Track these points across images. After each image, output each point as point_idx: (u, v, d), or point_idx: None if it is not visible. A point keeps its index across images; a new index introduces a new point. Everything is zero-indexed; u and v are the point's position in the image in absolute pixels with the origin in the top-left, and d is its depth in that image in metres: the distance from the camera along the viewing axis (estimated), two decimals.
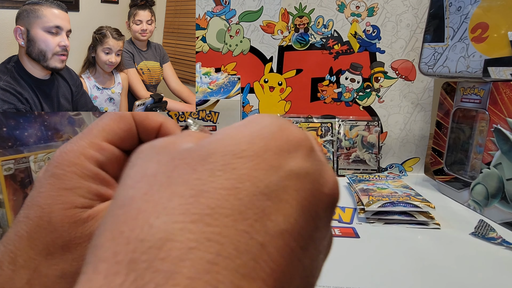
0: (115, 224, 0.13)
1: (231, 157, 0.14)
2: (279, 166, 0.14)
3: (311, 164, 0.15)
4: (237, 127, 0.15)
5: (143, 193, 0.14)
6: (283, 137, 0.15)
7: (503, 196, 0.58)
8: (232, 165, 0.14)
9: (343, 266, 0.45)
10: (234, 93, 0.81)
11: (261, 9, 0.86)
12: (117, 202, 0.14)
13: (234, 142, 0.15)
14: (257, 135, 0.15)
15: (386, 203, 0.58)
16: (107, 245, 0.13)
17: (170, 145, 0.16)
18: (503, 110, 0.59)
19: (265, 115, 0.17)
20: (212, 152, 0.14)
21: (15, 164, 0.45)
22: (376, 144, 0.86)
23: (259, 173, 0.14)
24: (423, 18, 0.83)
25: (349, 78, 0.88)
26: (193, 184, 0.13)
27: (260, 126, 0.16)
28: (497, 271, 0.45)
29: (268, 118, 0.16)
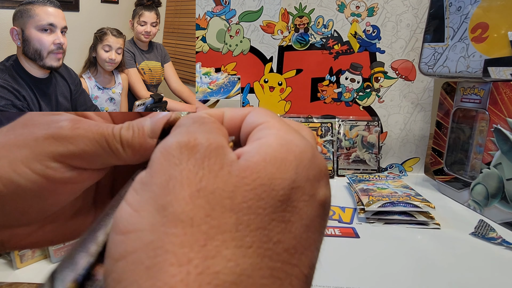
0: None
1: (280, 188, 0.14)
2: (314, 195, 0.15)
3: (329, 190, 0.16)
4: (277, 147, 0.15)
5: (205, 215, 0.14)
6: (316, 164, 0.16)
7: (503, 196, 0.57)
8: (283, 196, 0.14)
9: (343, 266, 0.45)
10: (234, 93, 0.81)
11: (261, 9, 0.86)
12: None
13: (273, 168, 0.15)
14: (299, 163, 0.15)
15: (386, 203, 0.58)
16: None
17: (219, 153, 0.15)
18: (503, 110, 0.58)
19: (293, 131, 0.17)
20: (261, 183, 0.14)
21: None
22: (376, 144, 0.86)
23: (303, 204, 0.15)
24: (423, 18, 0.83)
25: (349, 78, 0.88)
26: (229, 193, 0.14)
27: (299, 150, 0.16)
28: (497, 271, 0.44)
29: (303, 141, 0.16)
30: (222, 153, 0.15)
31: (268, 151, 0.15)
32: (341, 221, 0.59)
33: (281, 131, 0.16)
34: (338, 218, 0.60)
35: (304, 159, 0.15)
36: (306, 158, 0.15)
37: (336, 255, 0.48)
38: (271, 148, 0.15)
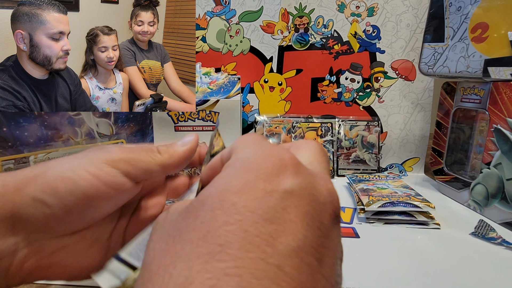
0: (142, 286, 0.14)
1: (226, 195, 0.15)
2: (273, 190, 0.15)
3: (302, 179, 0.16)
4: (225, 170, 0.17)
5: (161, 250, 0.15)
6: (268, 164, 0.16)
7: (503, 196, 0.57)
8: (228, 201, 0.14)
9: (343, 266, 0.45)
10: (234, 93, 0.81)
11: (261, 9, 0.86)
12: (144, 266, 0.16)
13: (225, 181, 0.16)
14: (244, 170, 0.16)
15: (386, 203, 0.58)
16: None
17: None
18: (503, 110, 0.58)
19: (247, 145, 0.18)
20: (207, 194, 0.15)
21: (15, 164, 0.45)
22: (376, 144, 0.86)
23: (256, 202, 0.14)
24: (423, 18, 0.83)
25: (349, 78, 0.88)
26: (199, 228, 0.14)
27: (243, 161, 0.17)
28: (497, 271, 0.45)
29: (249, 151, 0.17)
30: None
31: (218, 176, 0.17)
32: (341, 221, 0.59)
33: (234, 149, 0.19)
34: None
35: (250, 164, 0.16)
36: (253, 163, 0.16)
37: None
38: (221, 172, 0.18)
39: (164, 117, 0.78)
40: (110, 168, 0.22)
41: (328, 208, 0.16)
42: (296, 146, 0.21)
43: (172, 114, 0.79)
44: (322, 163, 0.19)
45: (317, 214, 0.15)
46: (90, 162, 0.22)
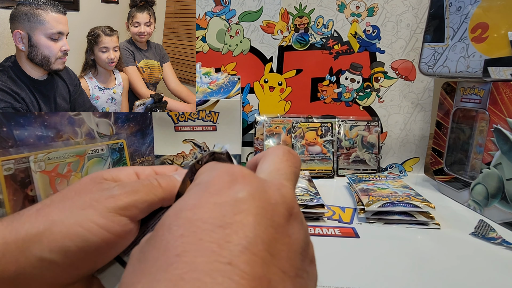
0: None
1: (181, 212, 0.16)
2: (225, 201, 0.16)
3: (250, 186, 0.17)
4: (183, 196, 0.18)
5: (129, 273, 0.16)
6: (219, 180, 0.18)
7: (503, 196, 0.57)
8: (184, 217, 0.16)
9: (343, 266, 0.45)
10: (234, 93, 0.81)
11: (261, 9, 0.86)
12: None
13: (182, 202, 0.17)
14: (199, 190, 0.18)
15: (386, 203, 0.58)
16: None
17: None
18: (503, 110, 0.58)
19: (203, 172, 0.20)
20: (166, 215, 0.17)
21: (15, 164, 0.45)
22: (376, 144, 0.86)
23: (209, 213, 0.16)
24: (423, 18, 0.83)
25: (349, 78, 0.88)
26: (158, 245, 0.16)
27: (198, 185, 0.18)
28: (497, 271, 0.45)
29: (204, 176, 0.19)
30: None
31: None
32: (341, 221, 0.59)
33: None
34: (338, 218, 0.60)
35: (206, 185, 0.18)
36: (207, 183, 0.18)
37: (336, 255, 0.48)
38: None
39: (164, 117, 0.78)
40: (119, 217, 0.21)
41: (280, 208, 0.17)
42: (263, 158, 0.23)
43: (172, 114, 0.79)
44: (281, 170, 0.21)
45: (268, 214, 0.16)
46: (97, 213, 0.21)
